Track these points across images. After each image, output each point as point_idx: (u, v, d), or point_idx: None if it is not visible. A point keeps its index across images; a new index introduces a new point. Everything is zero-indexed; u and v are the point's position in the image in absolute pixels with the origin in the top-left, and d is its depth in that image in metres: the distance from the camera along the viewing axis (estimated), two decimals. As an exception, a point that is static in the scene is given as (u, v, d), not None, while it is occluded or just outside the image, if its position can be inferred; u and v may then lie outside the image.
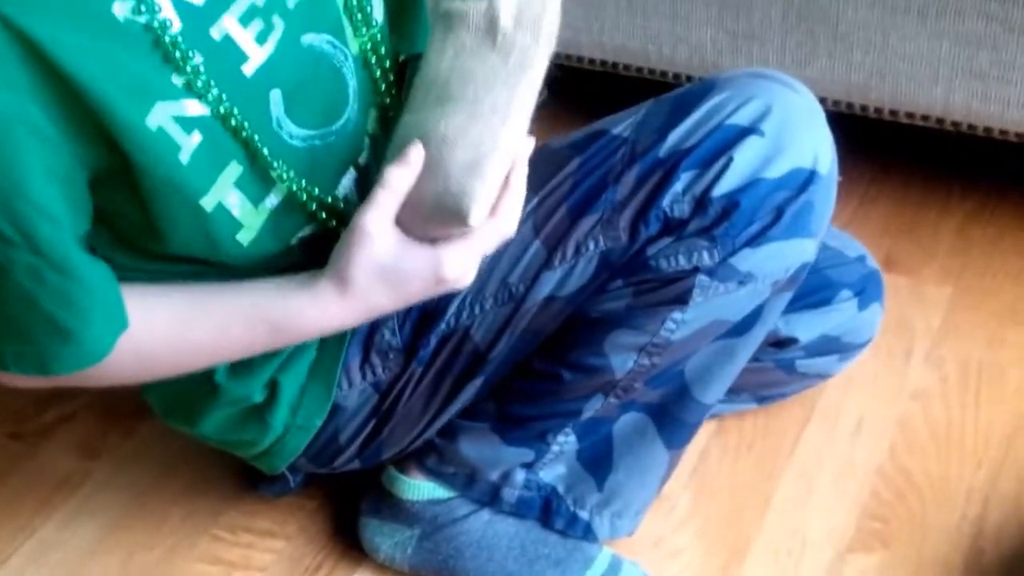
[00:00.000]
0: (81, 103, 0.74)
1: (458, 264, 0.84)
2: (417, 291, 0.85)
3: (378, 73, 0.90)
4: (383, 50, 0.90)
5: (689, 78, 1.47)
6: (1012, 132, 1.33)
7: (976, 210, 1.47)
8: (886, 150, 1.53)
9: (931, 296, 1.36)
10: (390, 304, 0.86)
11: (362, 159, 0.92)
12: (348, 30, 0.88)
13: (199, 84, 0.78)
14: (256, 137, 0.81)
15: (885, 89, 1.35)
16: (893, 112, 1.38)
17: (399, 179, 0.80)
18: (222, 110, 0.79)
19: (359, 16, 0.88)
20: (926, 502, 1.15)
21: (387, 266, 0.82)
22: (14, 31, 0.70)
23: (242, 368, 0.95)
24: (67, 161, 0.76)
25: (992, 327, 1.31)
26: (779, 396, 1.22)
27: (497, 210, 0.82)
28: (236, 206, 0.83)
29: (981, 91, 1.30)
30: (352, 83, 0.88)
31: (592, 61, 1.53)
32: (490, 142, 0.80)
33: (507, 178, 0.82)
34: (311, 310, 0.85)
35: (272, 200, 0.85)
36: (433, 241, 0.83)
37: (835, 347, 1.16)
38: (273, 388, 0.98)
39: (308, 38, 0.85)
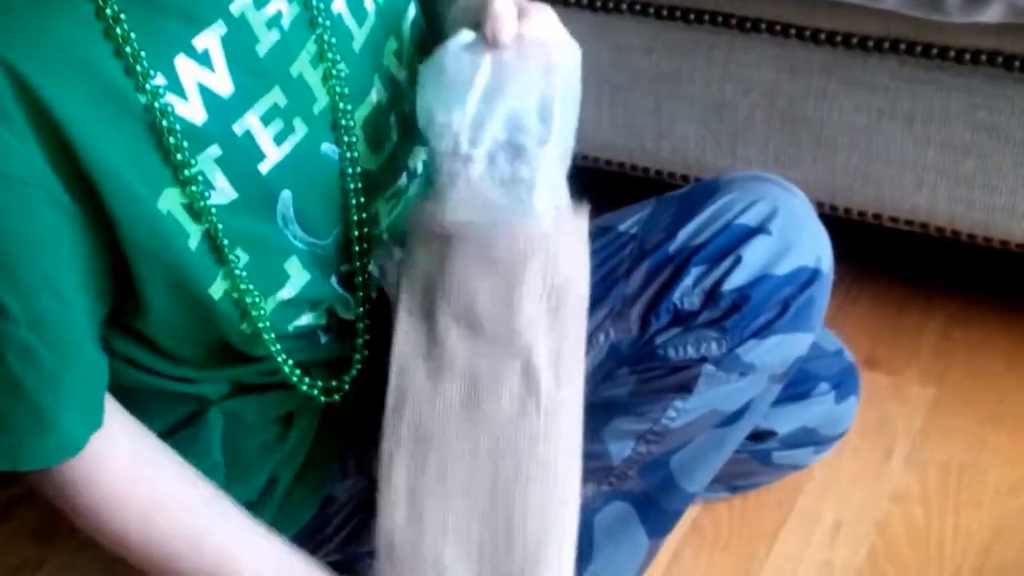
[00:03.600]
0: (91, 184, 0.74)
1: None
2: None
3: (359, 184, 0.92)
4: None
5: (672, 175, 1.50)
6: (996, 239, 1.36)
7: (959, 313, 1.50)
8: (869, 251, 1.56)
9: (913, 396, 1.38)
10: None
11: (344, 268, 0.93)
12: (363, 145, 0.90)
13: (197, 185, 0.79)
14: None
15: (869, 193, 1.38)
16: (877, 216, 1.41)
17: None
18: (214, 219, 0.80)
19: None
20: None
21: None
22: (38, 105, 0.71)
23: (241, 470, 0.95)
24: (87, 239, 0.76)
25: (973, 430, 1.33)
26: (752, 486, 1.25)
27: None
28: (237, 301, 0.85)
29: (966, 198, 1.33)
30: (349, 196, 0.90)
31: (574, 155, 1.56)
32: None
33: None
34: None
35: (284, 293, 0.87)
36: None
37: (811, 439, 1.20)
38: (270, 484, 0.97)
39: (326, 147, 0.87)
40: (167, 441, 0.90)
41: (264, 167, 0.83)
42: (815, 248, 0.95)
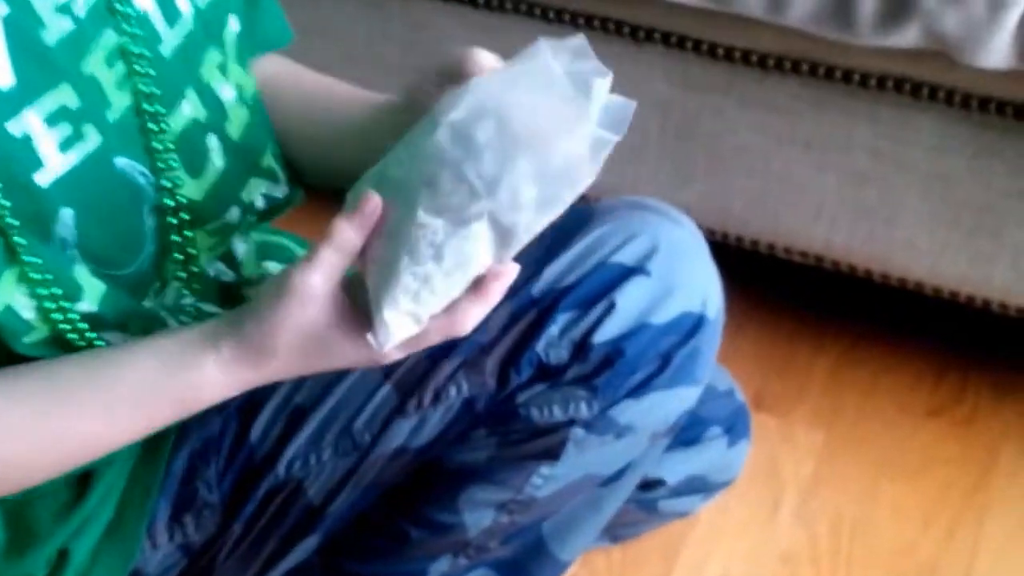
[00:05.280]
0: None
1: (395, 356, 0.70)
2: (340, 367, 0.72)
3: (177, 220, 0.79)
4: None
5: None
6: (894, 276, 1.30)
7: (850, 349, 1.43)
8: (758, 280, 1.49)
9: (802, 441, 1.32)
10: (305, 372, 0.73)
11: (149, 303, 0.80)
12: (177, 165, 0.78)
13: None
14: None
15: (764, 221, 1.32)
16: (771, 246, 1.34)
17: (347, 237, 0.67)
18: None
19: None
20: None
21: (314, 337, 0.69)
22: None
23: (24, 540, 0.81)
24: None
25: (866, 479, 1.27)
26: (634, 534, 1.17)
27: (453, 310, 0.69)
28: (26, 307, 0.72)
29: (866, 230, 1.27)
30: (150, 223, 0.77)
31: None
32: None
33: (482, 285, 0.69)
34: (215, 383, 0.71)
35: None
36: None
37: (700, 486, 1.11)
38: (61, 558, 0.83)
39: (122, 162, 0.75)
40: None
41: (43, 178, 0.70)
42: (701, 289, 0.83)
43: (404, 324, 0.67)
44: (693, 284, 0.82)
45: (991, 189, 1.19)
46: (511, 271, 0.68)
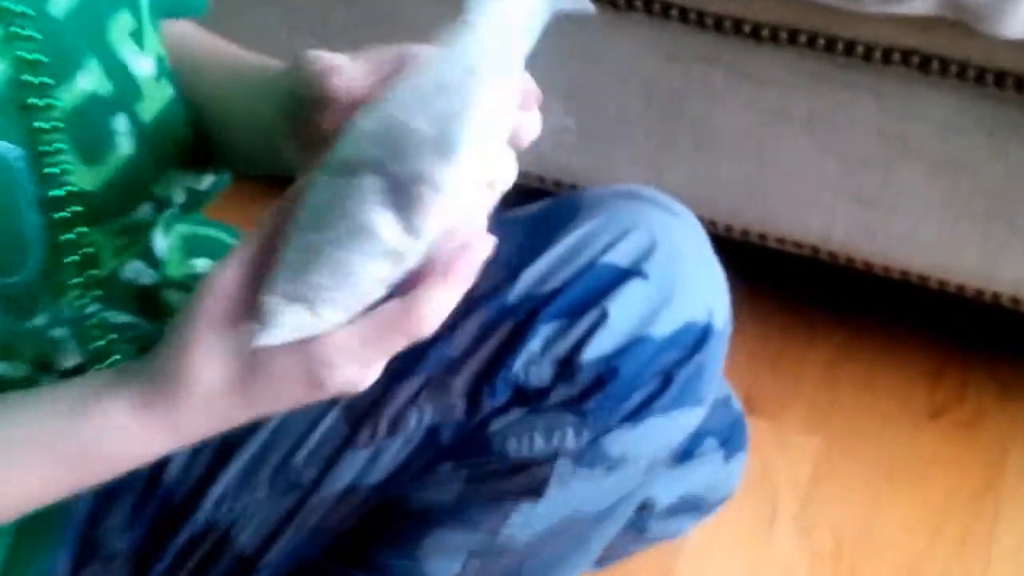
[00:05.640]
0: None
1: (345, 367, 0.55)
2: (286, 401, 0.58)
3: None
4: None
5: (526, 175, 1.30)
6: (896, 269, 1.22)
7: (845, 343, 1.36)
8: (748, 271, 1.39)
9: (796, 445, 1.25)
10: (246, 418, 0.59)
11: (44, 318, 0.67)
12: (70, 150, 0.65)
13: None
14: None
15: (755, 208, 1.25)
16: (762, 236, 1.26)
17: (268, 220, 0.55)
18: None
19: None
20: None
21: (238, 354, 0.55)
22: None
23: None
24: None
25: (866, 484, 1.21)
26: (619, 557, 1.07)
27: (410, 303, 0.55)
28: None
29: (866, 220, 1.20)
30: (33, 218, 0.65)
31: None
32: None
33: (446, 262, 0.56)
34: (126, 435, 0.58)
35: None
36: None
37: (694, 505, 1.02)
38: None
39: (3, 146, 0.61)
40: None
41: None
42: (706, 295, 0.73)
43: (288, 312, 0.53)
44: (697, 289, 0.72)
45: (1008, 170, 1.12)
46: (482, 243, 0.54)
